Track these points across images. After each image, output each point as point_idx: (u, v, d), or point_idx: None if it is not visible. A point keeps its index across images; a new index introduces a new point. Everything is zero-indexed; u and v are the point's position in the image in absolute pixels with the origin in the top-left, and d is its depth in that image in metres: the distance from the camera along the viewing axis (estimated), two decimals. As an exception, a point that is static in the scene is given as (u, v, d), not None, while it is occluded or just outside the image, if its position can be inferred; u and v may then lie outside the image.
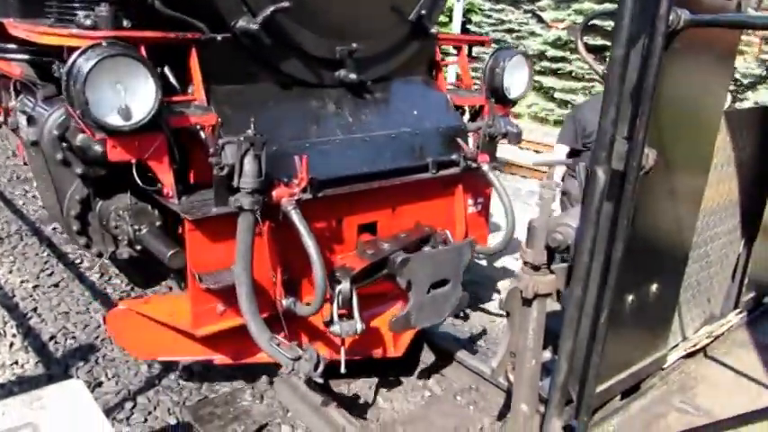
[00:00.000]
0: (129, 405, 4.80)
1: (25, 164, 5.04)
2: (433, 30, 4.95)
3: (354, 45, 4.27)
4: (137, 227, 3.91)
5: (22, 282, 6.51)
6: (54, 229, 7.63)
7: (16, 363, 5.19)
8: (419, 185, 4.62)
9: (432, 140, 4.71)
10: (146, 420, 4.67)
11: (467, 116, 5.32)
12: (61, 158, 3.82)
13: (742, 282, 3.99)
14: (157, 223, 4.01)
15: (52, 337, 5.57)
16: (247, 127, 3.46)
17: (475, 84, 5.49)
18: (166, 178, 3.62)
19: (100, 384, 5.00)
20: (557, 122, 17.54)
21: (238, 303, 3.55)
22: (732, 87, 15.15)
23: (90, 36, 3.37)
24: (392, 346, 4.81)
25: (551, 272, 2.84)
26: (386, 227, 4.48)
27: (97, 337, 5.59)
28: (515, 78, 5.06)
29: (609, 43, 2.35)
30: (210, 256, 3.72)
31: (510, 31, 20.79)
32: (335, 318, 4.00)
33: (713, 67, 2.93)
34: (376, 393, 5.09)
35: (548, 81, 19.13)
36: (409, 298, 4.19)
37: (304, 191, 3.68)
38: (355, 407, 4.86)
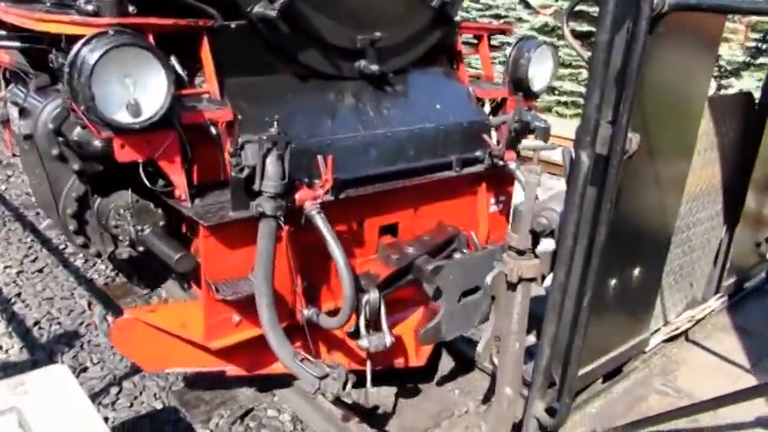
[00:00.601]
0: (114, 390, 4.77)
1: (14, 155, 4.83)
2: (457, 18, 4.75)
3: (377, 34, 4.03)
4: (139, 227, 3.68)
5: (5, 267, 6.34)
6: (37, 214, 7.54)
7: (0, 348, 5.13)
8: (442, 184, 4.41)
9: (455, 136, 4.49)
10: (131, 405, 4.65)
11: (487, 109, 5.11)
12: (57, 153, 3.57)
13: (724, 266, 4.05)
14: (161, 223, 3.77)
15: (36, 323, 5.50)
16: (264, 123, 3.25)
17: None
18: (178, 179, 3.39)
19: (85, 369, 4.97)
20: (546, 109, 17.52)
21: (257, 314, 3.36)
22: (716, 74, 15.22)
23: (93, 24, 3.09)
24: (414, 354, 4.67)
25: (536, 256, 2.86)
26: (407, 228, 4.30)
27: (82, 323, 5.53)
28: (539, 70, 4.87)
29: (595, 29, 2.35)
30: (226, 263, 3.49)
31: (497, 16, 20.62)
32: (363, 331, 3.76)
33: (697, 52, 2.95)
34: (396, 403, 4.94)
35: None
36: (439, 307, 3.96)
37: (327, 193, 3.47)
38: (375, 419, 4.72)
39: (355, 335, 3.79)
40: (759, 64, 15.99)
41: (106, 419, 4.43)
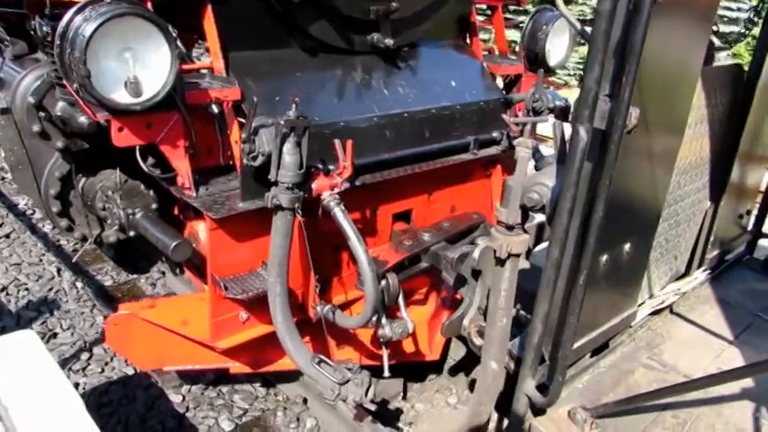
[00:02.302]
0: (85, 356, 4.65)
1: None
2: None
3: (393, 4, 3.70)
4: (130, 210, 3.42)
5: (-29, 234, 6.18)
6: (2, 179, 7.32)
7: (-34, 316, 4.98)
8: (457, 168, 4.14)
9: (471, 116, 4.21)
10: (102, 371, 4.55)
11: (499, 84, 4.84)
12: (38, 130, 3.24)
13: (708, 239, 4.05)
14: (153, 206, 3.52)
15: (3, 289, 5.30)
16: (274, 103, 2.97)
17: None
18: (181, 166, 3.08)
19: (55, 335, 4.83)
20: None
21: (266, 311, 3.15)
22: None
23: None
24: (428, 348, 4.48)
25: (525, 231, 2.80)
26: (421, 215, 4.07)
27: (51, 289, 5.36)
28: (556, 45, 4.58)
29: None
30: (234, 257, 3.24)
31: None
32: (384, 319, 3.52)
33: (694, 24, 2.88)
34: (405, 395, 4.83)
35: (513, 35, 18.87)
36: (461, 296, 3.73)
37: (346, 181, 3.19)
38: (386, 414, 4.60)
39: (378, 326, 3.55)
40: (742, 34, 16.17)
41: (77, 385, 4.33)
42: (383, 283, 3.40)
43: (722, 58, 15.77)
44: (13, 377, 2.50)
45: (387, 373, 3.67)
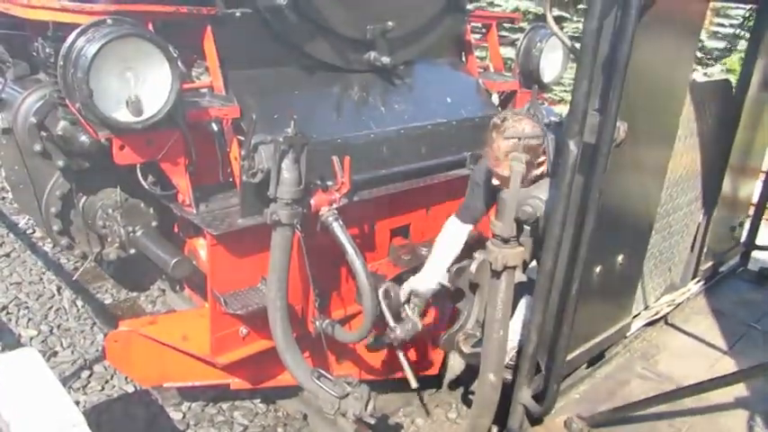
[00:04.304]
0: (85, 374, 4.63)
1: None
2: (469, 6, 4.55)
3: (389, 24, 3.79)
4: (130, 228, 3.45)
5: (-29, 253, 6.21)
6: (3, 198, 7.36)
7: (-34, 334, 5.00)
8: (455, 183, 4.15)
9: (468, 132, 4.29)
10: (103, 389, 4.53)
11: (495, 101, 4.93)
12: (40, 149, 3.28)
13: (701, 251, 4.10)
14: (153, 223, 3.55)
15: (4, 308, 5.32)
16: (273, 121, 3.04)
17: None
18: (182, 183, 3.13)
19: (55, 354, 4.82)
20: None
21: (266, 326, 3.17)
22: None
23: (88, 11, 2.77)
24: (428, 362, 4.52)
25: (520, 244, 2.84)
26: (418, 229, 4.11)
27: (51, 307, 5.38)
28: (550, 61, 4.68)
29: (566, 14, 2.32)
30: (234, 273, 3.26)
31: (470, -1, 20.52)
32: (392, 323, 3.53)
33: (681, 39, 2.96)
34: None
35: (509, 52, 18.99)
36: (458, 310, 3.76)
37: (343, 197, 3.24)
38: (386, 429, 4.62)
39: (390, 330, 3.57)
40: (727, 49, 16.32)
41: (77, 403, 4.30)
42: (386, 292, 3.44)
43: (716, 73, 15.90)
44: (15, 394, 2.51)
45: (414, 384, 3.68)
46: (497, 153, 2.94)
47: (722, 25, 17.14)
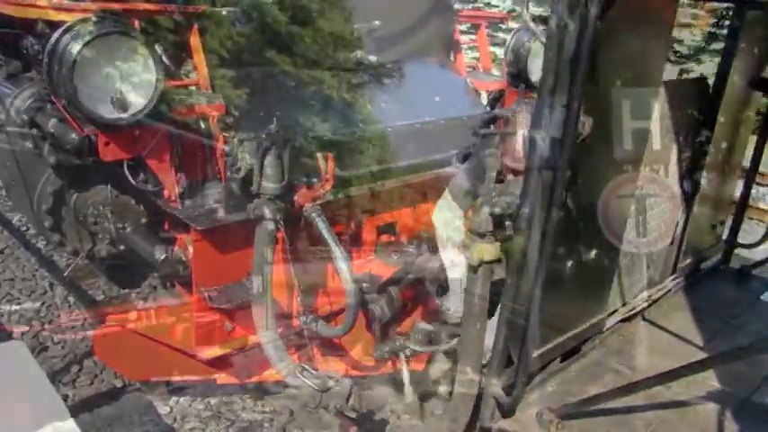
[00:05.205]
0: (75, 369, 4.67)
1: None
2: (457, 5, 4.66)
3: (376, 22, 3.92)
4: (120, 224, 3.51)
5: (-35, 249, 6.27)
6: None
7: (-41, 329, 5.05)
8: (441, 180, 4.11)
9: (455, 130, 4.35)
10: (92, 383, 4.57)
11: (483, 100, 4.99)
12: (31, 147, 3.34)
13: (680, 248, 4.12)
14: (143, 220, 3.62)
15: (-4, 303, 5.45)
16: (258, 118, 3.12)
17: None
18: (167, 179, 3.20)
19: (46, 349, 4.87)
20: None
21: (251, 321, 3.22)
22: (674, 58, 15.41)
23: (74, 8, 2.81)
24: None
25: (498, 239, 2.88)
26: (405, 226, 4.17)
27: (43, 303, 5.47)
28: (537, 61, 4.61)
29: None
30: (219, 268, 3.32)
31: (462, -1, 20.52)
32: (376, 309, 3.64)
33: (651, 37, 2.99)
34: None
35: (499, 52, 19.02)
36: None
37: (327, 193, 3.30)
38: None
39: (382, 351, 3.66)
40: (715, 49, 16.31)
41: (66, 397, 4.35)
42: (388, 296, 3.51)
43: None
44: (1, 387, 2.55)
45: (410, 399, 3.87)
46: None
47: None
